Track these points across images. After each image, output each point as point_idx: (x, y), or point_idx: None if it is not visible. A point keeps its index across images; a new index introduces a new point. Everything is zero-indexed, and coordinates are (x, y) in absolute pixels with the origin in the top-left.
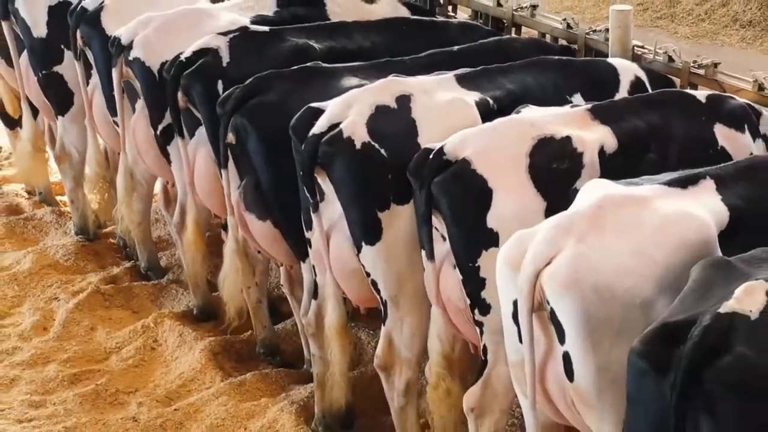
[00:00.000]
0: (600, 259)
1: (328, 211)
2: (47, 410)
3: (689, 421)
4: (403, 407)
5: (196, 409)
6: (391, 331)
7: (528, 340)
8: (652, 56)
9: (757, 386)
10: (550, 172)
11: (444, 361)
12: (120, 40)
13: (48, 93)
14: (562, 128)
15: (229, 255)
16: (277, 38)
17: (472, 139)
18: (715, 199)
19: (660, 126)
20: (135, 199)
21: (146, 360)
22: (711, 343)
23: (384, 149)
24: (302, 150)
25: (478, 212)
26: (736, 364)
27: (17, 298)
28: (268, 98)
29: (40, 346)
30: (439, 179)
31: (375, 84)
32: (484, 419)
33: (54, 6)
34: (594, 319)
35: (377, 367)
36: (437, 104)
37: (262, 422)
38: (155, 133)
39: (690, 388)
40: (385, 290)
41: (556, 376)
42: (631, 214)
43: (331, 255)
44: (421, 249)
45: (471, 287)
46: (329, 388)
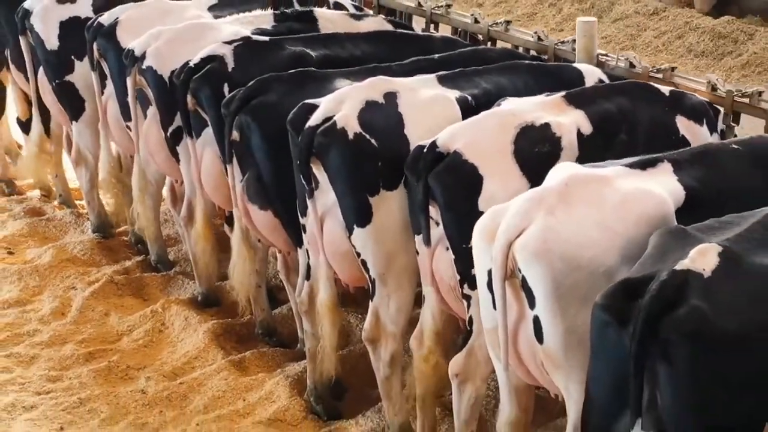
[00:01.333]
0: (567, 231)
1: (322, 198)
2: (63, 384)
3: (647, 368)
4: (388, 377)
5: (199, 383)
6: (378, 307)
7: (501, 306)
8: (614, 62)
9: (709, 335)
10: (533, 156)
11: (435, 337)
12: (134, 51)
13: (62, 100)
14: (541, 115)
15: (236, 245)
16: (277, 47)
17: (461, 133)
18: (672, 180)
19: (629, 110)
20: (148, 195)
21: (154, 341)
22: (667, 296)
23: (374, 139)
24: (299, 141)
25: (471, 198)
26: (690, 315)
27: (38, 287)
28: (268, 98)
29: (58, 329)
30: (436, 172)
31: (365, 82)
32: (467, 385)
33: (65, 21)
34: (562, 286)
35: (365, 340)
36: (421, 100)
37: (259, 394)
38: (166, 135)
39: (648, 338)
40: (373, 269)
41: (527, 339)
42: (595, 191)
43: (325, 238)
44: (416, 234)
45: (463, 266)
46: (320, 360)
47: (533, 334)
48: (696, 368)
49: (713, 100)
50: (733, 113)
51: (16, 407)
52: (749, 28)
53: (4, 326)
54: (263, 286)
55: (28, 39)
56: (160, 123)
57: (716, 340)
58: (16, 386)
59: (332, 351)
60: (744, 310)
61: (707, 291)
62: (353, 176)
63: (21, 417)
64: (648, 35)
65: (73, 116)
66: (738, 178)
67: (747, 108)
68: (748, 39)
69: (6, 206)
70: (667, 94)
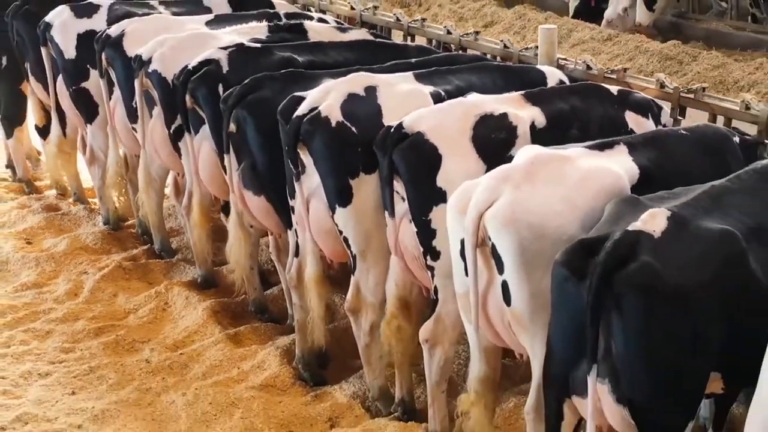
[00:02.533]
0: (533, 203)
1: (308, 181)
2: (75, 354)
3: (602, 319)
4: (368, 344)
5: (198, 353)
6: (359, 280)
7: (473, 272)
8: (573, 66)
9: (658, 289)
10: (490, 142)
11: (398, 302)
12: (141, 56)
13: (78, 105)
14: (500, 107)
15: (233, 228)
16: (267, 52)
17: (425, 116)
18: (627, 160)
19: (581, 109)
20: (151, 189)
21: (158, 318)
22: (620, 253)
23: (354, 127)
24: (287, 129)
25: (430, 174)
26: (641, 270)
27: (54, 272)
28: (262, 94)
29: (72, 308)
30: (399, 148)
31: (347, 77)
32: (436, 349)
33: (82, 34)
34: (528, 252)
35: (347, 310)
36: (398, 93)
37: (252, 363)
38: (169, 132)
39: (603, 291)
40: (354, 246)
41: (496, 302)
42: (558, 168)
43: (310, 217)
44: (384, 209)
45: (424, 237)
46: (310, 330)
47: (502, 297)
48: (646, 319)
49: (662, 96)
50: (679, 107)
51: (32, 374)
52: (693, 51)
53: (22, 305)
54: (256, 269)
55: (49, 50)
56: (164, 121)
57: (664, 293)
58: (32, 356)
59: (320, 321)
60: (689, 267)
61: (657, 249)
62: (335, 160)
63: (36, 383)
64: (603, 58)
65: (87, 119)
66: (685, 159)
67: (692, 102)
68: (692, 60)
69: (26, 203)
70: (616, 93)
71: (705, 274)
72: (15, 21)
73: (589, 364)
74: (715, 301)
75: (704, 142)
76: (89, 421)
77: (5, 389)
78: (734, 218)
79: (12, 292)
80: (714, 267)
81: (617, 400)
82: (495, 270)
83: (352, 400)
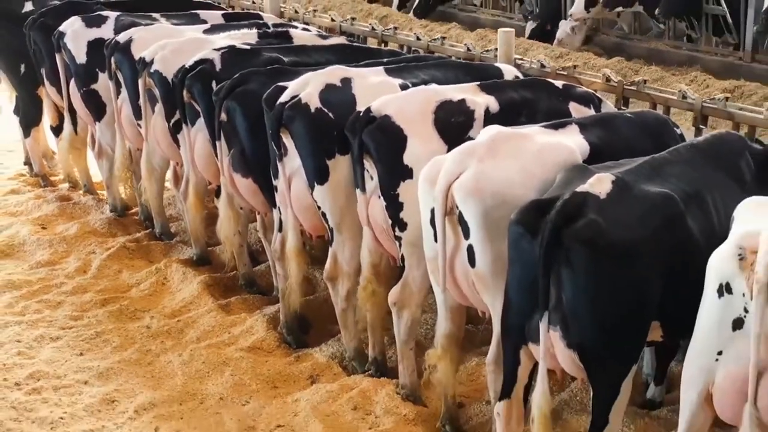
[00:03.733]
0: (495, 174)
1: (290, 162)
2: (83, 321)
3: (553, 272)
4: (344, 309)
5: (193, 320)
6: (336, 251)
7: (441, 237)
8: (529, 64)
9: (603, 243)
10: (450, 124)
11: (371, 269)
12: (144, 58)
13: (88, 105)
14: (459, 94)
15: (223, 207)
16: (256, 53)
17: (392, 101)
18: (579, 137)
19: (530, 99)
20: (153, 178)
21: (158, 291)
22: (569, 211)
23: (331, 113)
24: (271, 115)
25: (397, 153)
26: (587, 226)
27: (65, 252)
28: (250, 87)
29: (81, 282)
30: (368, 130)
31: (325, 69)
32: (404, 311)
33: (92, 41)
34: (491, 219)
35: (326, 278)
36: (371, 84)
37: (241, 328)
38: (169, 126)
39: (553, 245)
40: (331, 220)
41: (462, 264)
42: (517, 144)
43: (292, 195)
44: (356, 186)
45: (392, 210)
46: (288, 295)
47: (467, 260)
48: (592, 271)
49: (608, 88)
50: (623, 98)
51: (45, 338)
52: (635, 67)
53: (37, 280)
54: (245, 246)
55: (63, 56)
56: (164, 116)
57: (609, 247)
58: (44, 323)
59: (298, 287)
60: (632, 225)
61: (602, 209)
62: (314, 143)
63: (48, 346)
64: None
65: (96, 118)
66: (629, 138)
67: (634, 94)
68: (634, 74)
69: (42, 194)
70: (561, 86)
71: (646, 231)
72: (32, 32)
73: (542, 313)
74: (655, 256)
75: (646, 124)
76: (95, 377)
77: (20, 350)
78: (672, 184)
79: (27, 269)
80: (654, 225)
81: (567, 345)
82: (461, 235)
83: (331, 360)
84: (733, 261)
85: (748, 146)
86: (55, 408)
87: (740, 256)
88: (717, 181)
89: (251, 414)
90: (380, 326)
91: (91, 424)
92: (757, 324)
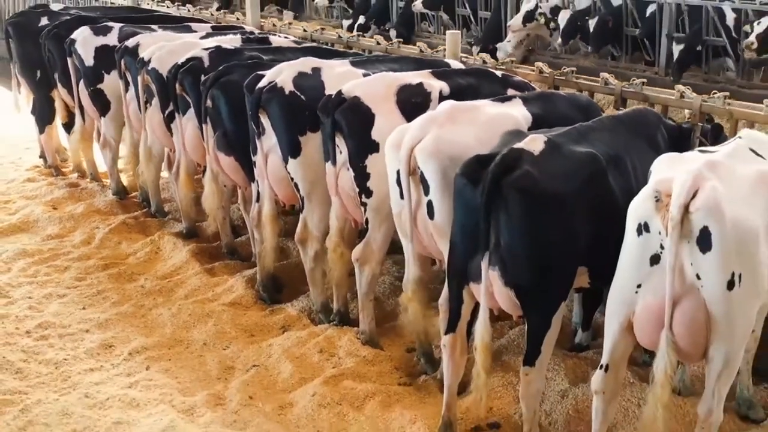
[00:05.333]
0: (452, 139)
1: (267, 139)
2: (87, 282)
3: (492, 217)
4: (313, 268)
5: (182, 281)
6: (306, 217)
7: (407, 195)
8: (473, 61)
9: (536, 192)
10: (411, 104)
11: (339, 232)
12: (143, 58)
13: (95, 102)
14: (416, 79)
15: (208, 182)
16: (239, 52)
17: (360, 85)
18: (523, 109)
19: (475, 84)
20: (151, 163)
21: (152, 258)
22: (507, 163)
23: (303, 96)
24: (251, 98)
25: (366, 129)
26: (522, 176)
27: (72, 227)
28: (232, 77)
29: (85, 251)
30: (340, 109)
31: (298, 60)
32: (365, 266)
33: (99, 47)
34: (447, 177)
35: (297, 241)
36: (337, 73)
37: (223, 287)
38: (163, 116)
39: (493, 193)
40: (302, 190)
41: (423, 217)
42: (471, 113)
43: (268, 168)
44: (326, 159)
45: (360, 180)
46: (263, 257)
47: (427, 213)
48: (526, 215)
49: (541, 79)
50: (554, 87)
51: (53, 296)
52: None
53: (47, 250)
54: (228, 219)
55: (73, 60)
56: (160, 108)
57: (540, 195)
58: (53, 284)
59: (272, 250)
60: (560, 177)
61: (535, 162)
62: (288, 121)
63: (55, 302)
64: None
65: (102, 113)
66: (563, 112)
67: (563, 82)
68: None
69: (54, 182)
70: (500, 75)
71: (573, 183)
72: (47, 41)
73: (482, 253)
74: (581, 206)
75: (578, 102)
76: (95, 327)
77: (31, 305)
78: (596, 146)
79: (39, 241)
80: (580, 178)
81: (505, 284)
82: (422, 192)
83: (301, 314)
84: (650, 203)
85: (663, 121)
86: (59, 351)
87: (656, 198)
88: (635, 146)
89: (230, 356)
90: (344, 283)
91: (91, 364)
92: (671, 257)
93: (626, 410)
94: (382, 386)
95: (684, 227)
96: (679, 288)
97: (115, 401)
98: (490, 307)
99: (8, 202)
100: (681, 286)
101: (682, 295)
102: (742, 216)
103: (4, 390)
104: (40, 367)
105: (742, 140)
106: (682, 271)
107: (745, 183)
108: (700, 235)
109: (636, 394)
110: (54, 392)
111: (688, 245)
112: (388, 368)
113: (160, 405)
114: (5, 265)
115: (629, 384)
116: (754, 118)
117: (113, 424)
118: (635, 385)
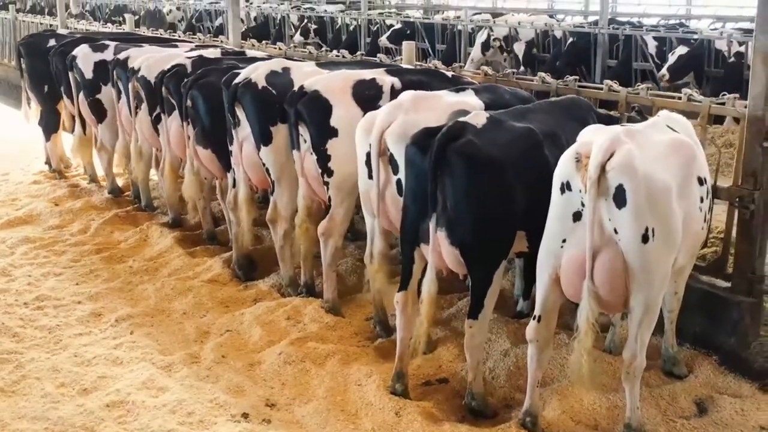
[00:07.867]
0: (417, 123)
1: (242, 130)
2: (81, 263)
3: (439, 182)
4: (282, 246)
5: (166, 262)
6: (276, 199)
7: (376, 174)
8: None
9: (478, 158)
10: (365, 96)
11: (305, 210)
12: (133, 68)
13: (93, 111)
14: (370, 74)
15: (188, 173)
16: (218, 60)
17: (320, 80)
18: (475, 98)
19: (426, 81)
20: (142, 162)
21: (140, 244)
22: (452, 133)
23: (274, 91)
24: (228, 93)
25: (325, 118)
26: (466, 144)
27: (71, 219)
28: (209, 80)
29: (81, 239)
30: (302, 101)
31: (270, 60)
32: (329, 240)
33: (97, 62)
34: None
35: (267, 221)
36: (305, 72)
37: (203, 267)
38: (151, 119)
39: (439, 159)
40: (273, 174)
41: (392, 195)
42: (432, 101)
43: (243, 156)
44: (292, 146)
45: (322, 162)
46: (240, 238)
47: (396, 191)
48: (469, 180)
49: (486, 80)
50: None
51: (50, 274)
52: None
53: (48, 237)
54: (208, 208)
55: (74, 73)
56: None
57: (483, 162)
58: (51, 264)
59: (248, 231)
60: (501, 146)
61: (478, 133)
62: (260, 113)
63: (52, 279)
64: None
65: (99, 121)
66: (508, 101)
67: (505, 82)
68: None
69: (57, 183)
70: (450, 75)
71: (512, 152)
72: (54, 58)
73: (430, 214)
74: (519, 174)
75: (520, 94)
76: (86, 299)
77: (29, 281)
78: (534, 124)
79: (41, 231)
80: (518, 149)
81: (451, 243)
82: (391, 172)
83: (271, 288)
84: (572, 163)
85: (594, 109)
86: (53, 319)
87: (577, 159)
88: (568, 127)
89: (207, 323)
90: (311, 257)
91: (81, 329)
92: (590, 213)
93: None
94: (342, 347)
95: (601, 185)
96: (599, 241)
97: (100, 359)
98: (438, 267)
99: (15, 200)
100: (600, 240)
101: (601, 248)
102: (656, 175)
103: (1, 350)
104: (35, 332)
105: (660, 119)
106: (601, 226)
107: (660, 147)
108: (615, 192)
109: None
110: (46, 352)
111: (606, 202)
112: (348, 333)
113: (141, 362)
114: (9, 249)
115: (565, 345)
116: (674, 106)
117: (98, 377)
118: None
